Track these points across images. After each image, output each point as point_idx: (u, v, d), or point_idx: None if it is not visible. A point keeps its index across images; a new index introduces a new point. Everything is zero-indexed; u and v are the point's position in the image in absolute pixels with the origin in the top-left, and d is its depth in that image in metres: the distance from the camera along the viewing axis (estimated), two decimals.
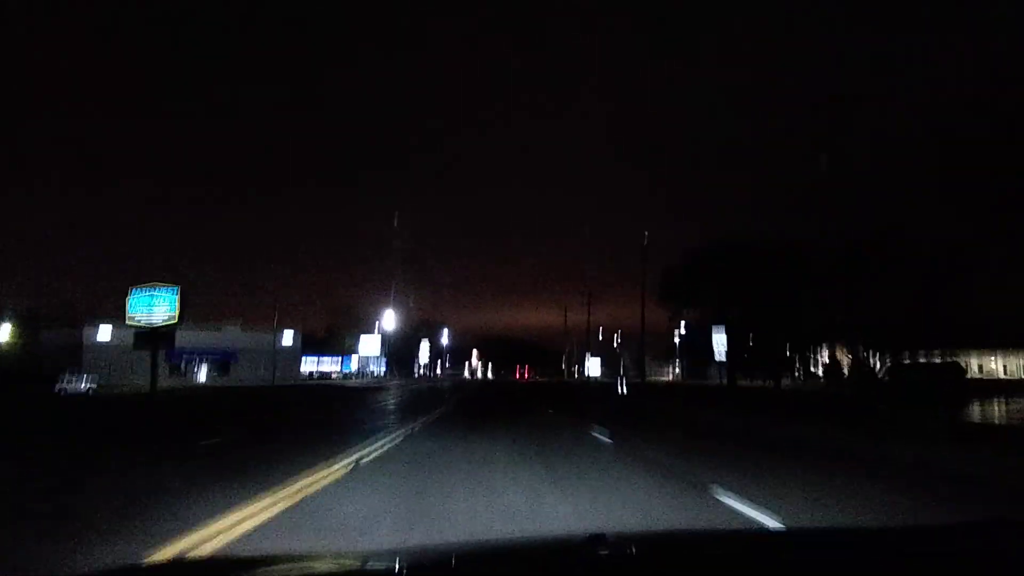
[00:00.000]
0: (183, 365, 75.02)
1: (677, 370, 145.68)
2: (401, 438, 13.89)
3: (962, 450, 13.64)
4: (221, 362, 77.95)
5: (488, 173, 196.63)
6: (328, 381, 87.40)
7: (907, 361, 55.93)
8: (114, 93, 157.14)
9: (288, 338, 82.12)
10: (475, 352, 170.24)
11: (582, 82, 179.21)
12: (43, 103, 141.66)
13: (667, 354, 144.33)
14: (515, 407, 28.95)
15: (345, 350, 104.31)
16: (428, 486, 8.09)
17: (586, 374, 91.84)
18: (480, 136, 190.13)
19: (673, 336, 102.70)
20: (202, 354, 76.10)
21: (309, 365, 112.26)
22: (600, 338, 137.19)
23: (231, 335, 79.36)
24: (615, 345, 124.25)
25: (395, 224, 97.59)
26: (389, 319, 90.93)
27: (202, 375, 75.81)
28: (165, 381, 74.24)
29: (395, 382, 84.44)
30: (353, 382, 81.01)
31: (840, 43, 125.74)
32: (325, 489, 7.76)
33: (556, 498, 7.33)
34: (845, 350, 63.31)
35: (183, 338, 77.22)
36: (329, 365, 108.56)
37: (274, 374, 61.52)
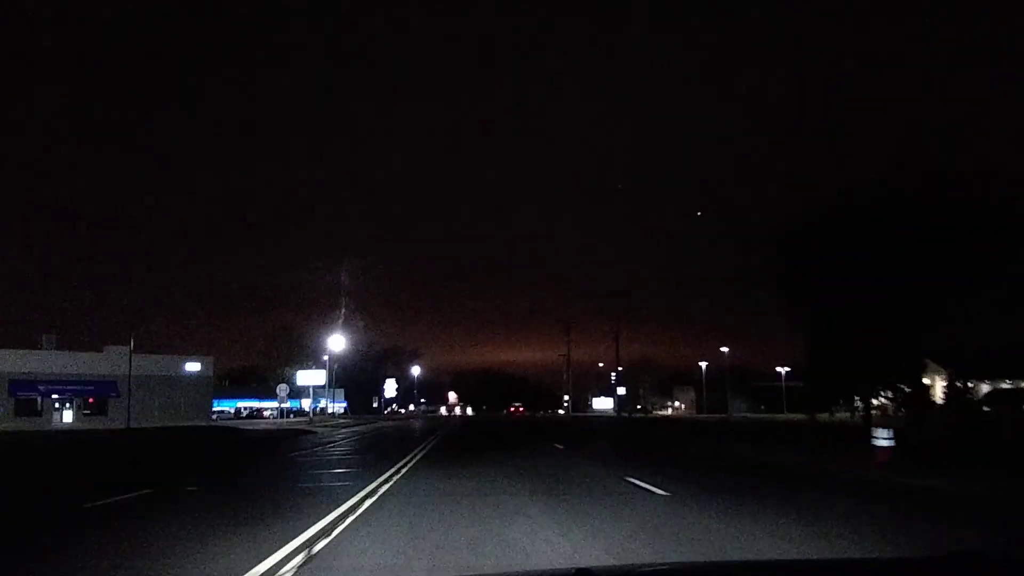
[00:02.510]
0: (40, 401, 55.37)
1: (678, 403, 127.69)
2: None
3: None
4: (98, 397, 58.15)
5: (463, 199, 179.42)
6: (249, 422, 68.62)
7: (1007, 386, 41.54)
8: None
9: (195, 366, 62.34)
10: (453, 387, 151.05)
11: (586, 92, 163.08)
12: None
13: (667, 388, 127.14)
14: None
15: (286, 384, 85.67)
16: None
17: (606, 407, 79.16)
18: (461, 160, 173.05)
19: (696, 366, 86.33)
20: (70, 387, 56.53)
21: (247, 402, 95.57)
22: (599, 371, 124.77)
23: (115, 360, 59.51)
24: (612, 380, 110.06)
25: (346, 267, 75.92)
26: (337, 342, 70.87)
27: (68, 415, 56.08)
28: (9, 423, 54.85)
29: (338, 422, 65.35)
30: (270, 424, 62.08)
31: None
32: None
33: None
34: (940, 373, 46.41)
35: (43, 364, 57.83)
36: (267, 402, 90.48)
37: (128, 416, 42.25)
